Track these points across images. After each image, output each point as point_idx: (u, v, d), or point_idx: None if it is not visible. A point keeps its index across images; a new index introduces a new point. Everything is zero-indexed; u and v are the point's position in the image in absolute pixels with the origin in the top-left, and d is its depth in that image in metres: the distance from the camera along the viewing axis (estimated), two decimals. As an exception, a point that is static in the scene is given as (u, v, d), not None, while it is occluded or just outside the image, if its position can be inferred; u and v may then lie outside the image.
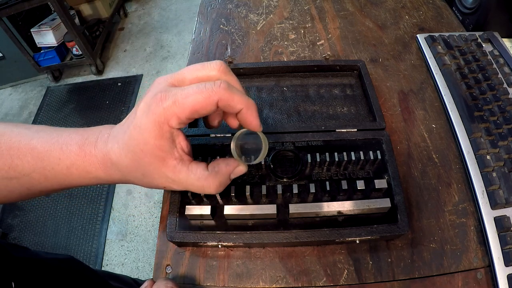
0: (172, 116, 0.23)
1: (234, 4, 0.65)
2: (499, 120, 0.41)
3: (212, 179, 0.26)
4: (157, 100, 0.23)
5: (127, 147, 0.25)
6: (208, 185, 0.26)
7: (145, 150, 0.24)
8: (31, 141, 0.26)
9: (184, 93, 0.23)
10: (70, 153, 0.26)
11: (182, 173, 0.25)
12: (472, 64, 0.47)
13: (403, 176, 0.39)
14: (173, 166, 0.25)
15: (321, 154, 0.36)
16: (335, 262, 0.34)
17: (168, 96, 0.23)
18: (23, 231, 1.40)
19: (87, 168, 0.26)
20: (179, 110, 0.23)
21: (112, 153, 0.25)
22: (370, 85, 0.43)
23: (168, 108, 0.23)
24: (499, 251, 0.33)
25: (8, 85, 2.04)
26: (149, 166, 0.25)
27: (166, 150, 0.24)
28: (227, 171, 0.27)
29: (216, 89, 0.23)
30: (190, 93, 0.23)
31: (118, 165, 0.26)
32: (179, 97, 0.23)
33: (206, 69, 0.25)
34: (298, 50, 0.55)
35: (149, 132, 0.23)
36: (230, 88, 0.24)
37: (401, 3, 0.61)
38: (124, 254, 1.31)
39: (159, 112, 0.23)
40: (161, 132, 0.23)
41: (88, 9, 2.05)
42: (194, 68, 0.25)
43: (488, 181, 0.37)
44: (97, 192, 1.48)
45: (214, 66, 0.25)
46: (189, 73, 0.25)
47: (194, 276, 0.34)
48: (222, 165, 0.27)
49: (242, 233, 0.33)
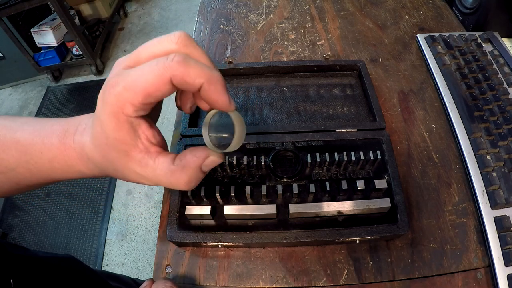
0: (125, 103, 0.20)
1: (234, 4, 0.65)
2: (499, 120, 0.41)
3: (179, 174, 0.22)
4: (109, 86, 0.20)
5: (94, 141, 0.22)
6: (176, 181, 0.22)
7: (108, 144, 0.21)
8: (15, 134, 0.25)
9: (133, 75, 0.20)
10: (51, 146, 0.24)
11: (148, 167, 0.22)
12: (472, 64, 0.47)
13: (403, 176, 0.39)
14: (138, 160, 0.22)
15: (321, 154, 0.36)
16: (335, 262, 0.34)
17: (119, 81, 0.20)
18: (23, 231, 1.40)
19: (68, 162, 0.24)
20: (130, 95, 0.19)
21: (86, 147, 0.23)
22: (370, 85, 0.43)
23: (119, 94, 0.20)
24: (499, 251, 0.33)
25: (8, 85, 2.04)
26: (116, 161, 0.22)
27: (128, 143, 0.21)
28: (195, 163, 0.23)
29: (168, 64, 0.19)
30: (139, 74, 0.19)
31: (93, 159, 0.23)
32: (129, 81, 0.20)
33: (162, 43, 0.21)
34: (298, 50, 0.55)
35: (106, 124, 0.21)
36: (186, 61, 0.19)
37: (401, 3, 0.61)
38: (124, 254, 1.31)
39: (111, 100, 0.20)
40: (118, 123, 0.20)
41: (88, 9, 2.05)
42: (150, 43, 0.21)
43: (488, 181, 0.37)
44: (97, 192, 1.48)
45: (172, 38, 0.21)
46: (144, 50, 0.21)
47: (194, 276, 0.34)
48: (189, 156, 0.23)
49: (242, 233, 0.33)
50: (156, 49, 0.21)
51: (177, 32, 0.21)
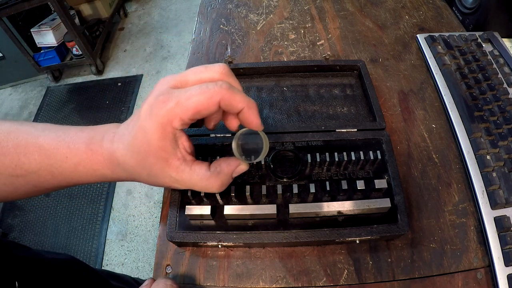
0: (175, 118, 0.23)
1: (234, 4, 0.65)
2: (499, 120, 0.41)
3: (214, 179, 0.27)
4: (159, 102, 0.24)
5: (132, 148, 0.25)
6: (211, 185, 0.27)
7: (149, 151, 0.24)
8: (38, 139, 0.27)
9: (186, 95, 0.23)
10: (77, 151, 0.26)
11: (185, 173, 0.26)
12: (472, 64, 0.47)
13: (403, 176, 0.39)
14: (176, 166, 0.25)
15: (321, 154, 0.36)
16: (335, 262, 0.34)
17: (171, 98, 0.23)
18: (23, 231, 1.40)
19: (94, 166, 0.27)
20: (181, 111, 0.23)
21: (118, 153, 0.26)
22: (370, 85, 0.43)
23: (171, 109, 0.23)
24: (499, 251, 0.33)
25: (8, 85, 2.04)
26: (153, 166, 0.25)
27: (169, 151, 0.25)
28: (228, 170, 0.28)
29: (218, 89, 0.24)
30: (193, 94, 0.23)
31: (124, 165, 0.26)
32: (181, 99, 0.23)
33: (209, 72, 0.25)
34: (298, 50, 0.55)
35: (152, 133, 0.24)
36: (232, 88, 0.24)
37: (401, 3, 0.61)
38: (124, 254, 1.31)
39: (162, 114, 0.23)
40: (164, 133, 0.24)
41: (88, 9, 2.05)
42: (197, 70, 0.26)
43: (488, 181, 0.37)
44: (97, 192, 1.48)
45: (216, 68, 0.25)
46: (192, 75, 0.25)
47: (194, 276, 0.34)
48: (224, 164, 0.28)
49: (242, 233, 0.33)
50: (203, 76, 0.25)
51: (220, 64, 0.26)
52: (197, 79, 0.25)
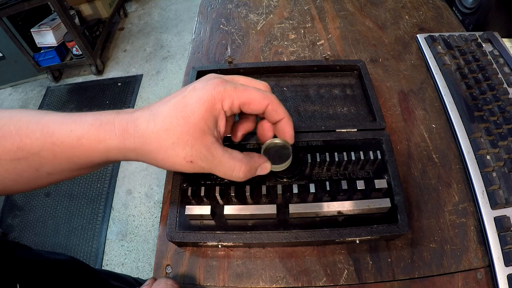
0: (228, 98, 0.26)
1: (234, 4, 0.65)
2: (499, 120, 0.41)
3: (245, 162, 0.28)
4: (217, 81, 0.26)
5: (166, 112, 0.25)
6: (240, 166, 0.28)
7: (190, 118, 0.25)
8: (42, 119, 0.26)
9: (244, 86, 0.27)
10: (83, 123, 0.26)
11: (218, 151, 0.27)
12: (472, 64, 0.47)
13: (403, 176, 0.39)
14: (211, 142, 0.26)
15: (321, 154, 0.36)
16: (335, 262, 0.34)
17: (229, 83, 0.26)
18: (23, 231, 1.40)
19: (100, 136, 0.25)
20: (237, 95, 0.26)
21: (142, 118, 0.26)
22: (370, 85, 0.43)
23: (229, 90, 0.26)
24: (499, 251, 0.33)
25: (8, 85, 2.04)
26: (185, 135, 0.25)
27: (209, 125, 0.26)
28: (258, 161, 0.30)
29: (270, 94, 0.28)
30: (249, 88, 0.27)
31: (142, 132, 0.25)
32: (239, 86, 0.27)
33: (256, 82, 0.30)
34: (298, 50, 0.55)
35: (203, 102, 0.25)
36: (278, 100, 0.29)
37: (401, 3, 0.61)
38: (124, 254, 1.31)
39: (219, 89, 0.25)
40: (213, 108, 0.25)
41: (88, 9, 2.05)
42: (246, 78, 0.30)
43: (488, 181, 0.37)
44: (97, 192, 1.48)
45: (262, 83, 0.30)
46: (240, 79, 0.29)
47: (194, 276, 0.34)
48: (256, 156, 0.30)
49: (242, 233, 0.33)
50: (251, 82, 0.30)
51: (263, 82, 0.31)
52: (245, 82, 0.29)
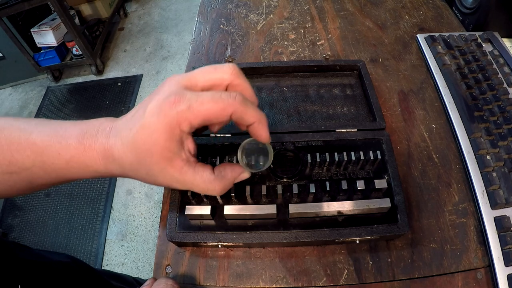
0: (184, 121, 0.23)
1: (234, 4, 0.65)
2: (499, 120, 0.41)
3: (217, 183, 0.27)
4: (170, 102, 0.23)
5: (132, 145, 0.25)
6: (213, 188, 0.27)
7: (153, 150, 0.24)
8: (30, 135, 0.26)
9: (199, 100, 0.23)
10: (69, 147, 0.26)
11: (188, 174, 0.26)
12: (472, 64, 0.47)
13: (403, 176, 0.39)
14: (180, 167, 0.25)
15: (321, 154, 0.36)
16: (335, 262, 0.34)
17: (183, 101, 0.23)
18: (23, 231, 1.40)
19: (86, 161, 0.26)
20: (192, 116, 0.23)
21: (115, 149, 0.25)
22: (370, 85, 0.43)
23: (182, 112, 0.23)
24: (499, 251, 0.33)
25: (8, 85, 2.04)
26: (155, 165, 0.25)
27: (174, 152, 0.25)
28: (232, 176, 0.28)
29: (232, 101, 0.24)
30: (205, 101, 0.23)
31: (120, 161, 0.26)
32: (193, 104, 0.23)
33: (218, 72, 0.26)
34: (298, 50, 0.55)
35: (159, 133, 0.23)
36: (245, 102, 0.25)
37: (401, 3, 0.61)
38: (124, 254, 1.31)
39: (172, 115, 0.23)
40: (172, 134, 0.24)
41: (88, 9, 2.05)
42: (207, 70, 0.26)
43: (488, 181, 0.37)
44: (97, 192, 1.48)
45: (226, 69, 0.26)
46: (202, 76, 0.25)
47: (194, 276, 0.34)
48: (228, 170, 0.28)
49: (242, 233, 0.33)
50: (213, 76, 0.26)
51: (230, 64, 0.26)
52: (206, 80, 0.25)
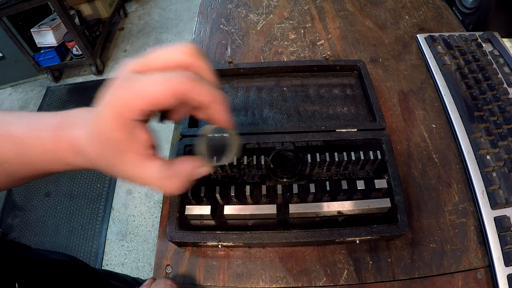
0: (131, 107, 0.21)
1: (234, 4, 0.65)
2: (499, 120, 0.41)
3: (172, 179, 0.24)
4: (116, 88, 0.22)
5: (90, 136, 0.23)
6: (169, 185, 0.24)
7: (105, 142, 0.22)
8: (9, 127, 0.26)
9: (145, 83, 0.21)
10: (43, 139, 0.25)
11: (140, 170, 0.23)
12: (472, 64, 0.47)
13: (403, 176, 0.39)
14: (132, 162, 0.23)
15: (321, 154, 0.36)
16: (335, 262, 0.34)
17: (129, 86, 0.21)
18: (23, 231, 1.40)
19: (59, 154, 0.25)
20: (138, 101, 0.21)
21: (81, 141, 0.24)
22: (370, 85, 0.43)
23: (127, 98, 0.21)
24: (499, 251, 0.33)
25: (8, 85, 2.04)
26: (110, 158, 0.23)
27: (124, 144, 0.22)
28: (187, 172, 0.25)
29: (180, 79, 0.21)
30: (152, 83, 0.21)
31: (84, 153, 0.24)
32: (140, 87, 0.21)
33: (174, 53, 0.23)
34: (298, 50, 0.55)
35: (108, 123, 0.21)
36: (197, 80, 0.21)
37: (401, 3, 0.61)
38: (124, 254, 1.31)
39: (117, 102, 0.21)
40: (119, 123, 0.21)
41: (88, 9, 2.05)
42: (161, 52, 0.23)
43: (488, 181, 0.37)
44: (97, 192, 1.48)
45: (183, 49, 0.23)
46: (155, 57, 0.23)
47: (194, 276, 0.34)
48: (184, 165, 0.25)
49: (242, 233, 0.33)
50: (167, 58, 0.22)
51: (188, 44, 0.23)
52: (161, 63, 0.22)
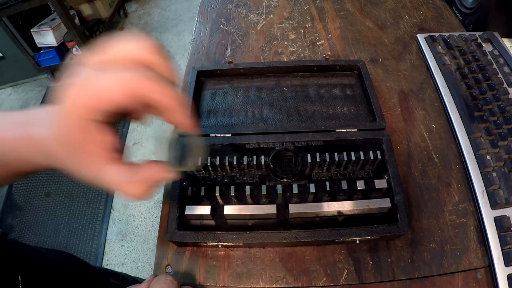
0: (87, 107, 0.20)
1: (234, 4, 0.65)
2: (499, 120, 0.41)
3: (136, 184, 0.23)
4: (74, 87, 0.20)
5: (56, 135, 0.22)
6: (133, 190, 0.23)
7: (64, 142, 0.21)
8: None
9: (100, 82, 0.20)
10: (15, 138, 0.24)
11: (100, 172, 0.22)
12: (472, 64, 0.47)
13: (403, 176, 0.39)
14: (90, 163, 0.22)
15: (321, 154, 0.36)
16: (335, 262, 0.34)
17: (85, 84, 0.20)
18: (23, 231, 1.40)
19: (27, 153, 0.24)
20: (94, 101, 0.20)
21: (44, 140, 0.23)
22: (370, 85, 0.43)
23: (84, 97, 0.20)
24: (499, 251, 0.33)
25: (8, 85, 2.04)
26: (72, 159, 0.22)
27: (81, 144, 0.21)
28: (151, 177, 0.23)
29: (137, 78, 0.20)
30: (107, 82, 0.20)
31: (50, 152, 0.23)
32: (95, 86, 0.20)
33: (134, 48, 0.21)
34: (298, 50, 0.55)
35: (66, 122, 0.20)
36: (156, 80, 0.20)
37: (401, 3, 0.61)
38: (124, 254, 1.31)
39: (74, 102, 0.20)
40: (77, 123, 0.20)
41: (88, 9, 2.05)
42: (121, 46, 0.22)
43: (488, 181, 0.37)
44: (97, 192, 1.48)
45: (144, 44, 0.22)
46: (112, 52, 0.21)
47: (194, 276, 0.34)
48: (147, 170, 0.23)
49: (242, 233, 0.33)
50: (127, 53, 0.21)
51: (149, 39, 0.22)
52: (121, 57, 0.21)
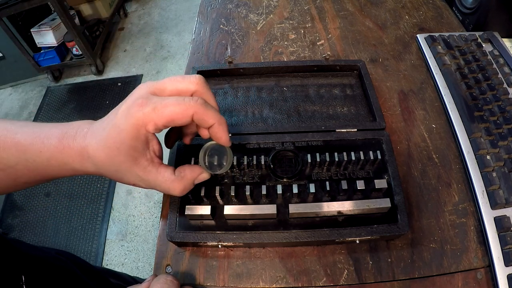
0: (150, 121, 0.26)
1: (234, 4, 0.65)
2: (499, 120, 0.41)
3: (177, 183, 0.29)
4: (137, 105, 0.26)
5: (104, 144, 0.27)
6: (174, 188, 0.29)
7: (121, 149, 0.26)
8: (16, 135, 0.29)
9: (163, 103, 0.26)
10: (50, 146, 0.28)
11: (151, 174, 0.28)
12: (472, 64, 0.47)
13: (403, 176, 0.39)
14: (144, 167, 0.27)
15: (321, 154, 0.36)
16: (335, 262, 0.34)
17: (149, 103, 0.26)
18: (23, 231, 1.40)
19: (64, 160, 0.28)
20: (157, 117, 0.25)
21: (90, 147, 0.27)
22: (370, 85, 0.43)
23: (148, 113, 0.25)
24: (499, 251, 0.33)
25: (8, 85, 2.04)
26: (122, 163, 0.27)
27: (139, 151, 0.27)
28: (191, 177, 0.30)
29: (193, 103, 0.26)
30: (169, 103, 0.26)
31: (93, 158, 0.27)
32: (158, 106, 0.25)
33: (185, 82, 0.28)
34: (298, 50, 0.55)
35: (126, 133, 0.26)
36: (205, 105, 0.27)
37: (401, 3, 0.61)
38: (124, 254, 1.31)
39: (138, 116, 0.25)
40: (138, 134, 0.26)
41: (88, 9, 2.05)
42: (174, 79, 0.28)
43: (488, 181, 0.37)
44: (97, 192, 1.48)
45: (193, 79, 0.28)
46: (169, 84, 0.28)
47: (194, 276, 0.34)
48: (188, 171, 0.30)
49: (242, 233, 0.33)
50: (179, 85, 0.28)
51: (197, 76, 0.28)
52: (174, 88, 0.27)
